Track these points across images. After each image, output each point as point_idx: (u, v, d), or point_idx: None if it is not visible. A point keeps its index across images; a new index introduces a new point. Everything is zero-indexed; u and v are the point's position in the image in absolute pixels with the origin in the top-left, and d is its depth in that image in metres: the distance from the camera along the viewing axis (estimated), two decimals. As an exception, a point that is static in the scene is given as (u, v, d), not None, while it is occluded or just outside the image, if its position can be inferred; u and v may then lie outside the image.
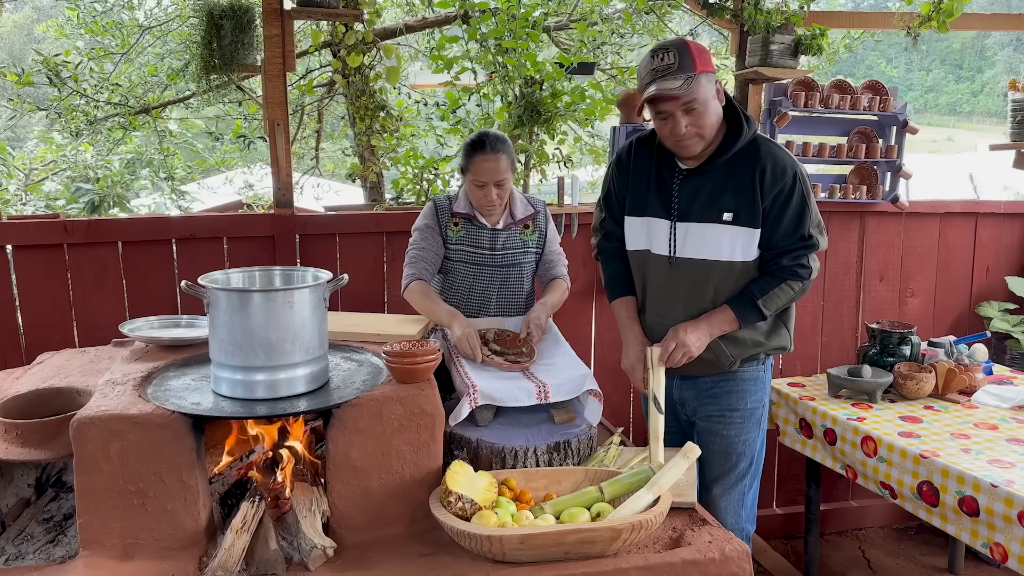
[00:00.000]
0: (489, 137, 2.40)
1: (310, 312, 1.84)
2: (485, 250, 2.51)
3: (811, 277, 2.17)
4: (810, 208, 2.14)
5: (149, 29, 5.90)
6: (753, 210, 2.12)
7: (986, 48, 30.73)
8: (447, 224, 2.52)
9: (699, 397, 2.34)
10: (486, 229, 2.51)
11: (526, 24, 3.75)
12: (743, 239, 2.14)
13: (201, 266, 2.39)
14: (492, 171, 2.39)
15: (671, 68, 2.02)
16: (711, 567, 1.69)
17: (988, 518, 2.14)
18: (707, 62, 2.06)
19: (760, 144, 2.15)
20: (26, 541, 1.80)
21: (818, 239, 2.16)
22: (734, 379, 2.30)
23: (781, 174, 2.11)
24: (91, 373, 2.12)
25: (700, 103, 2.04)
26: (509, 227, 2.53)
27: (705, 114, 2.06)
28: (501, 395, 2.06)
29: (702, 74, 2.02)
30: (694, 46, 2.06)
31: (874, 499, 3.71)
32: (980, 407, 2.76)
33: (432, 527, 1.78)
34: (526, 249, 2.55)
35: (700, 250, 2.17)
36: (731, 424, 2.32)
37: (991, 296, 3.82)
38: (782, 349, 2.31)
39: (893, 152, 3.49)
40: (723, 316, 2.18)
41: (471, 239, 2.51)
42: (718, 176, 2.15)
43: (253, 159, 7.85)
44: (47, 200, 6.62)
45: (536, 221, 2.58)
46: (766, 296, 2.15)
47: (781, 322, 2.29)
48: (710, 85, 2.06)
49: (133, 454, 1.69)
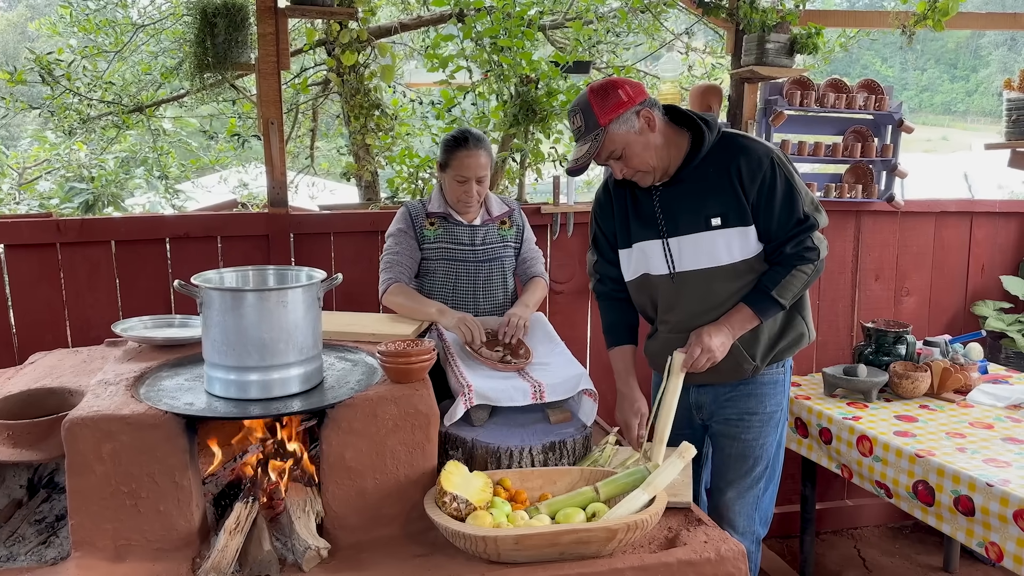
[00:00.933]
0: (471, 134, 2.45)
1: (304, 312, 1.83)
2: (465, 246, 2.53)
3: (820, 257, 2.12)
4: (797, 189, 2.10)
5: (143, 27, 5.86)
6: (740, 209, 2.09)
7: (981, 48, 30.83)
8: (422, 225, 2.53)
9: (717, 401, 2.31)
10: (463, 226, 2.53)
11: (521, 23, 3.74)
12: (738, 239, 2.11)
13: (195, 265, 2.37)
14: (474, 167, 2.42)
15: (580, 131, 2.07)
16: (706, 567, 1.68)
17: (983, 517, 2.14)
18: (616, 106, 2.02)
19: (729, 141, 2.13)
20: (18, 542, 1.78)
21: (815, 217, 2.11)
22: (754, 383, 2.26)
23: (757, 165, 2.08)
24: (84, 373, 2.11)
25: (620, 149, 2.06)
26: (487, 223, 2.57)
27: (632, 155, 2.07)
28: (496, 395, 2.05)
29: (611, 123, 2.02)
30: (596, 96, 2.03)
31: (870, 498, 3.71)
32: (975, 406, 2.77)
33: (427, 528, 1.77)
34: (505, 243, 2.59)
35: (698, 260, 2.14)
36: (749, 428, 2.28)
37: (986, 295, 3.83)
38: (801, 338, 2.25)
39: (889, 151, 3.49)
40: (742, 315, 2.14)
41: (450, 236, 2.53)
42: (694, 183, 2.13)
43: (248, 158, 7.82)
44: (41, 199, 6.58)
45: (512, 218, 2.63)
46: (779, 286, 2.10)
47: (795, 311, 2.23)
48: (626, 125, 2.03)
49: (125, 455, 1.68)
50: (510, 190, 4.35)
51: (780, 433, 2.35)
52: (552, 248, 3.34)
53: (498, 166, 4.33)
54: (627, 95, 2.03)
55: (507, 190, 4.33)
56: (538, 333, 2.44)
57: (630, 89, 2.04)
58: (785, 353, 2.24)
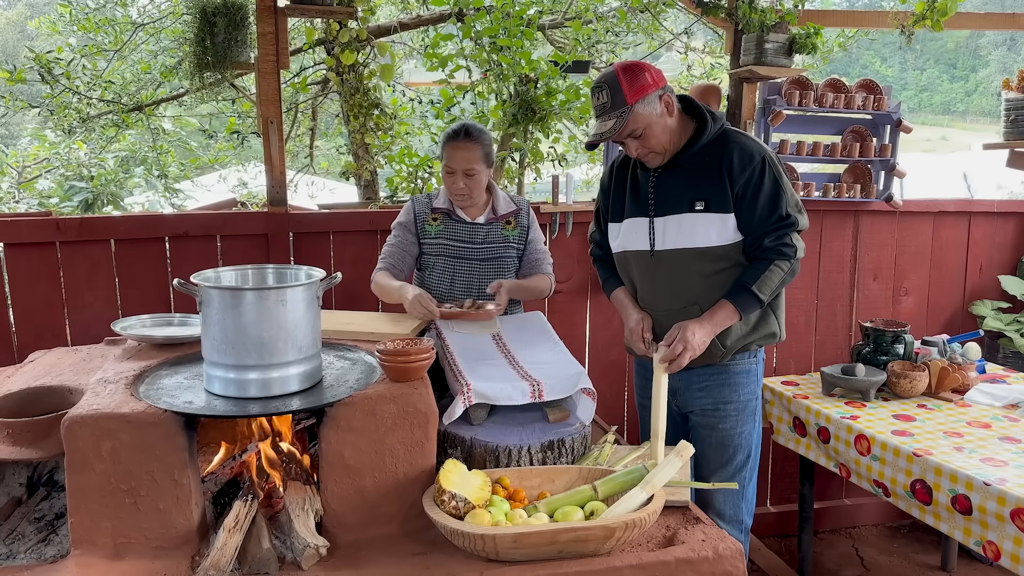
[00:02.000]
0: (467, 127, 2.50)
1: (303, 310, 1.83)
2: (464, 243, 2.56)
3: (797, 256, 2.22)
4: (784, 189, 2.20)
5: (142, 26, 5.87)
6: (723, 197, 2.20)
7: (980, 48, 30.84)
8: (425, 220, 2.59)
9: (690, 388, 2.39)
10: (465, 223, 2.57)
11: (521, 22, 3.75)
12: (717, 224, 2.21)
13: (194, 264, 2.38)
14: (462, 159, 2.46)
15: (605, 107, 2.15)
16: (704, 565, 1.69)
17: (981, 516, 2.15)
18: (642, 87, 2.13)
19: (728, 136, 2.24)
20: (17, 540, 1.79)
21: (796, 218, 2.21)
22: (726, 372, 2.35)
23: (748, 160, 2.19)
24: (83, 372, 2.11)
25: (642, 129, 2.15)
26: (491, 222, 2.59)
27: (651, 135, 2.17)
28: (495, 394, 2.06)
29: (637, 103, 2.11)
30: (625, 74, 2.12)
31: (868, 497, 3.72)
32: (973, 405, 2.77)
33: (425, 526, 1.77)
34: (507, 244, 2.61)
35: (678, 240, 2.25)
36: (726, 417, 2.37)
37: (984, 295, 3.83)
38: (772, 337, 2.35)
39: (887, 151, 3.49)
40: (724, 312, 2.22)
41: (449, 233, 2.57)
42: (689, 170, 2.24)
43: (247, 157, 7.83)
44: (40, 198, 6.59)
45: (518, 218, 2.64)
46: (758, 281, 2.19)
47: (769, 309, 2.33)
48: (650, 107, 2.14)
49: (125, 453, 1.68)
50: (509, 189, 4.36)
51: (757, 424, 2.45)
52: (551, 247, 3.33)
53: (497, 165, 4.34)
54: (652, 78, 2.15)
55: (506, 189, 4.33)
56: (537, 332, 2.44)
57: (655, 73, 2.17)
58: (754, 346, 2.34)
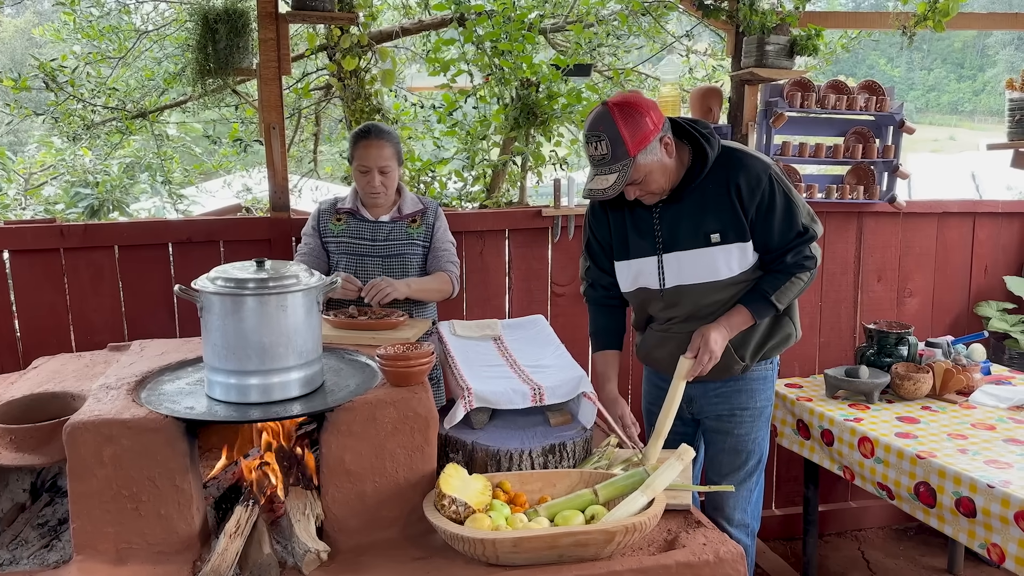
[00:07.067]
0: (374, 127, 2.58)
1: (304, 316, 1.84)
2: (365, 241, 2.64)
3: (816, 266, 2.19)
4: (795, 203, 2.15)
5: (146, 33, 5.90)
6: (739, 225, 2.13)
7: (987, 47, 30.74)
8: (327, 221, 2.68)
9: (706, 396, 2.36)
10: (368, 222, 2.65)
11: (522, 26, 3.76)
12: (736, 255, 2.15)
13: (198, 270, 2.38)
14: (375, 156, 2.54)
15: (605, 159, 1.99)
16: (705, 569, 1.68)
17: (985, 519, 2.13)
18: (644, 137, 1.97)
19: (729, 157, 2.13)
20: (21, 546, 1.79)
21: (813, 229, 2.17)
22: (743, 379, 2.33)
23: (756, 183, 2.10)
24: (86, 377, 2.12)
25: (643, 176, 2.03)
26: (395, 220, 2.66)
27: (651, 181, 2.06)
28: (496, 398, 2.06)
29: (639, 154, 1.98)
30: (626, 123, 1.95)
31: (873, 500, 3.70)
32: (978, 407, 2.76)
33: (426, 531, 1.78)
34: (411, 242, 2.66)
35: (697, 275, 2.18)
36: (742, 423, 2.35)
37: (989, 296, 3.82)
38: (788, 339, 2.32)
39: (890, 152, 3.48)
40: (741, 317, 2.19)
41: (351, 232, 2.65)
42: (695, 200, 2.14)
43: (251, 162, 7.86)
44: (46, 204, 6.62)
45: (424, 217, 2.70)
46: (778, 292, 2.16)
47: (784, 311, 2.28)
48: (652, 155, 2.01)
49: (126, 459, 1.69)
50: (511, 193, 4.36)
51: (768, 428, 2.43)
52: (553, 251, 3.34)
53: (499, 169, 4.35)
54: (652, 122, 1.99)
55: (508, 193, 4.33)
56: (538, 335, 2.45)
57: (654, 115, 2.00)
58: (772, 352, 2.31)
